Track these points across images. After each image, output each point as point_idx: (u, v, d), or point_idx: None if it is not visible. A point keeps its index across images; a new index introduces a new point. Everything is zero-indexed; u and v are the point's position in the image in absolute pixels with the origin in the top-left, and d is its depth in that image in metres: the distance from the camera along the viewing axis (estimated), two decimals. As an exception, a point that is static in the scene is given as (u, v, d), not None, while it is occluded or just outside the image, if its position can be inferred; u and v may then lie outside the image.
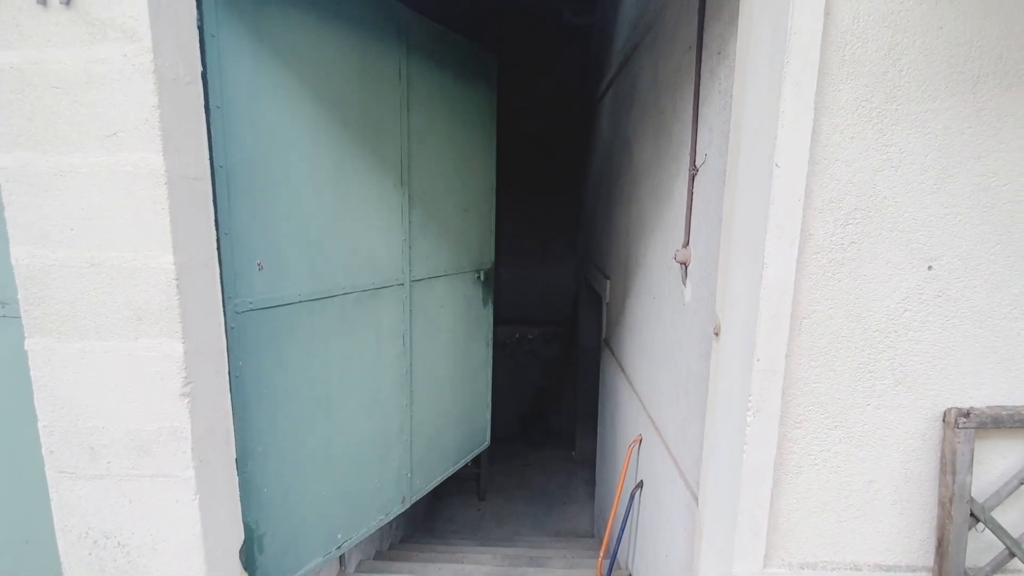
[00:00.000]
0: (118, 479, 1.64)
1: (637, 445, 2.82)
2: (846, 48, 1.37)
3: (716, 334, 1.59)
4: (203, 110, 1.62)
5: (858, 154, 1.40)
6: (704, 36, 1.89)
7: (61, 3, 1.47)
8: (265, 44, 1.84)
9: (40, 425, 1.61)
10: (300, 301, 2.05)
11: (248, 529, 1.91)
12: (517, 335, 6.69)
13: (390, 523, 2.80)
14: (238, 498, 1.84)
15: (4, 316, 1.63)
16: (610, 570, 2.87)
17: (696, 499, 1.83)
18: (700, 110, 1.94)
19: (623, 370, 3.35)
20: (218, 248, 1.70)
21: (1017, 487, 1.51)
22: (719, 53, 1.74)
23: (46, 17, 1.48)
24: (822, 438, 1.52)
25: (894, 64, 1.37)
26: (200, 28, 1.62)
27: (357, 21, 2.19)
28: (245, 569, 1.92)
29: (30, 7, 1.48)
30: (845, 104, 1.38)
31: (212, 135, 1.69)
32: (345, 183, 2.21)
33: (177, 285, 1.54)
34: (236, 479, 1.82)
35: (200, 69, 1.61)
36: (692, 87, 1.98)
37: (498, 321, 3.63)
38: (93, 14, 1.47)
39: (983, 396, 1.49)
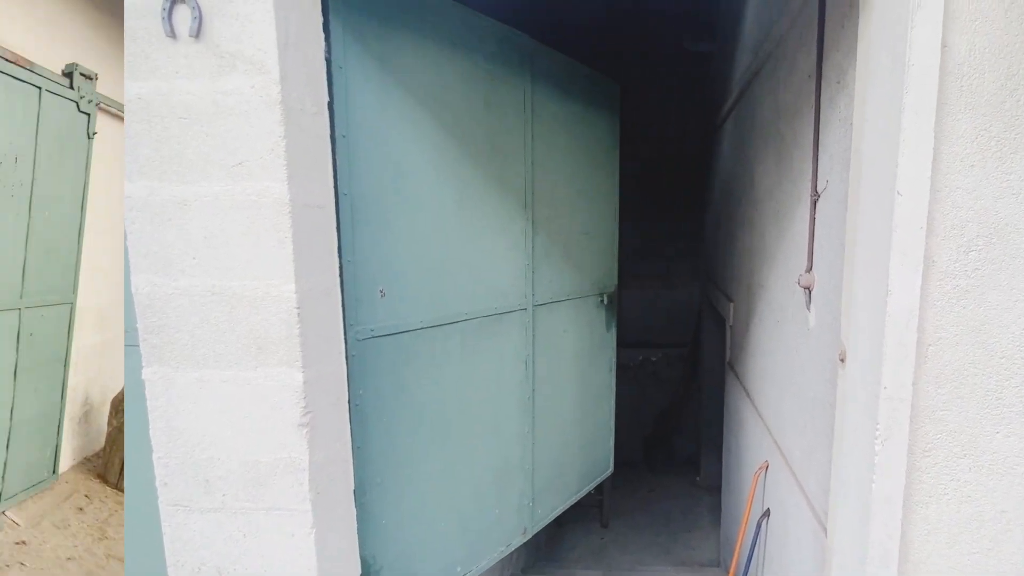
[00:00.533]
0: (232, 512, 1.60)
1: (763, 472, 2.74)
2: (963, 79, 1.39)
3: (842, 360, 1.58)
4: (329, 139, 1.64)
5: (978, 182, 1.41)
6: (823, 66, 1.92)
7: (191, 36, 1.50)
8: (391, 74, 1.88)
9: (155, 456, 1.59)
10: (421, 327, 2.03)
11: (365, 563, 1.86)
12: (640, 358, 6.58)
13: (510, 553, 2.72)
14: (355, 531, 1.80)
15: (128, 345, 1.62)
16: (738, 602, 2.77)
17: (824, 529, 1.80)
18: (820, 137, 1.96)
19: (748, 394, 3.28)
20: (340, 275, 1.71)
21: None
22: (838, 82, 1.78)
23: (175, 50, 1.51)
24: (951, 467, 1.49)
25: (1011, 94, 1.40)
26: (328, 60, 1.65)
27: (483, 52, 2.23)
28: (362, 605, 1.85)
29: (159, 40, 1.51)
30: (964, 133, 1.40)
31: (337, 164, 1.71)
32: (468, 209, 2.21)
33: (298, 314, 1.53)
34: (354, 511, 1.79)
35: (327, 99, 1.63)
36: (812, 115, 2.01)
37: (620, 344, 3.57)
38: (223, 47, 1.49)
39: (1116, 425, 1.48)
